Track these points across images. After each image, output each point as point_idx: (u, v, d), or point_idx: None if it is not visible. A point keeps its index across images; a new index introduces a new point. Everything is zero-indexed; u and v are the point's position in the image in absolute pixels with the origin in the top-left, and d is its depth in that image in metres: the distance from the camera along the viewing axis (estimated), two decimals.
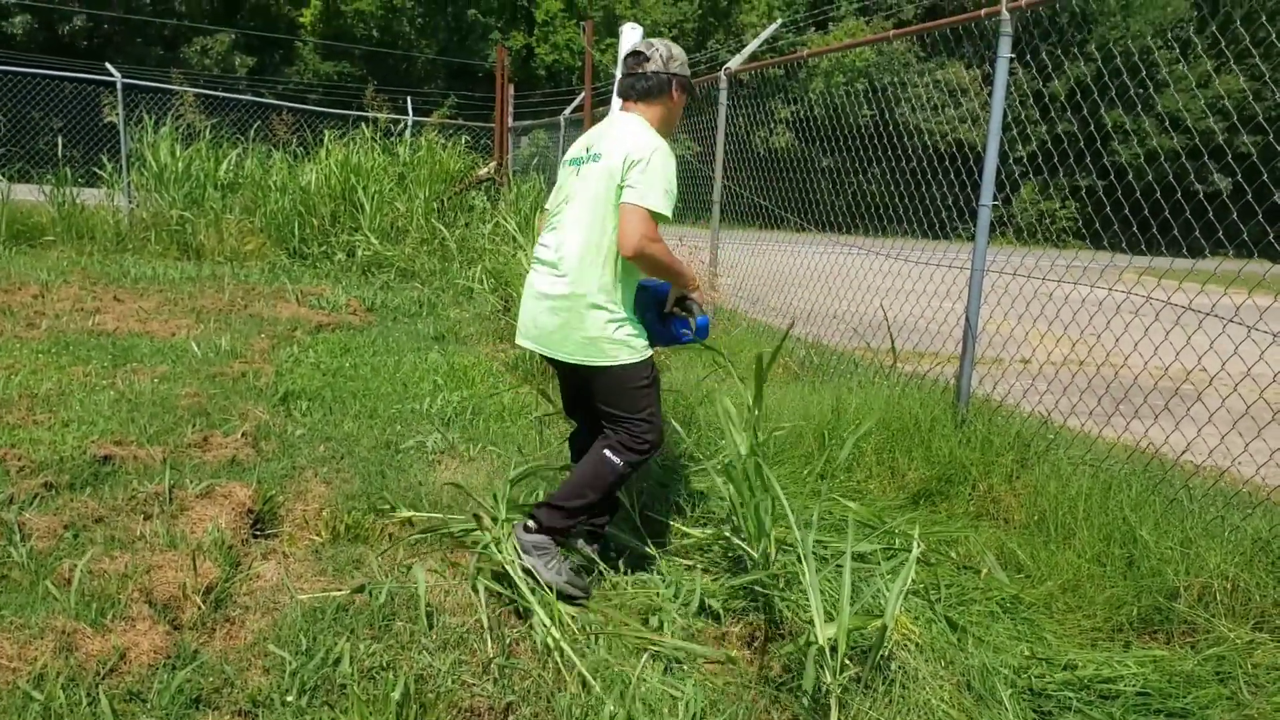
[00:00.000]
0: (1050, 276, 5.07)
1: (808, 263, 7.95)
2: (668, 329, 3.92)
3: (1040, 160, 5.98)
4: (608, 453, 3.65)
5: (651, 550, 4.01)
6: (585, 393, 3.83)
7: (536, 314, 3.75)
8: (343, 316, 9.21)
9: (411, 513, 4.33)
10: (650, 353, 3.72)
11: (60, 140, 14.06)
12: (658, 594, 3.67)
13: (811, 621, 3.05)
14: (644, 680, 3.12)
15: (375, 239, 12.25)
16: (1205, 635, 3.34)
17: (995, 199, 4.82)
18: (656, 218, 3.49)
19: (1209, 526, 3.77)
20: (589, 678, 3.12)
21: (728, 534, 3.93)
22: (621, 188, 3.51)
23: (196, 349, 7.26)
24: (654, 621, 3.49)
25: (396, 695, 2.86)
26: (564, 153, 4.81)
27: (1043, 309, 5.29)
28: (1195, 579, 3.49)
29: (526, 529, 3.67)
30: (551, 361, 3.80)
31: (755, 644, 3.47)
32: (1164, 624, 3.48)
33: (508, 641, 3.40)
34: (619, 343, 3.61)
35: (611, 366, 3.61)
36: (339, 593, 3.65)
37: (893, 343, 5.90)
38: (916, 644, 3.19)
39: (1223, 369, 4.38)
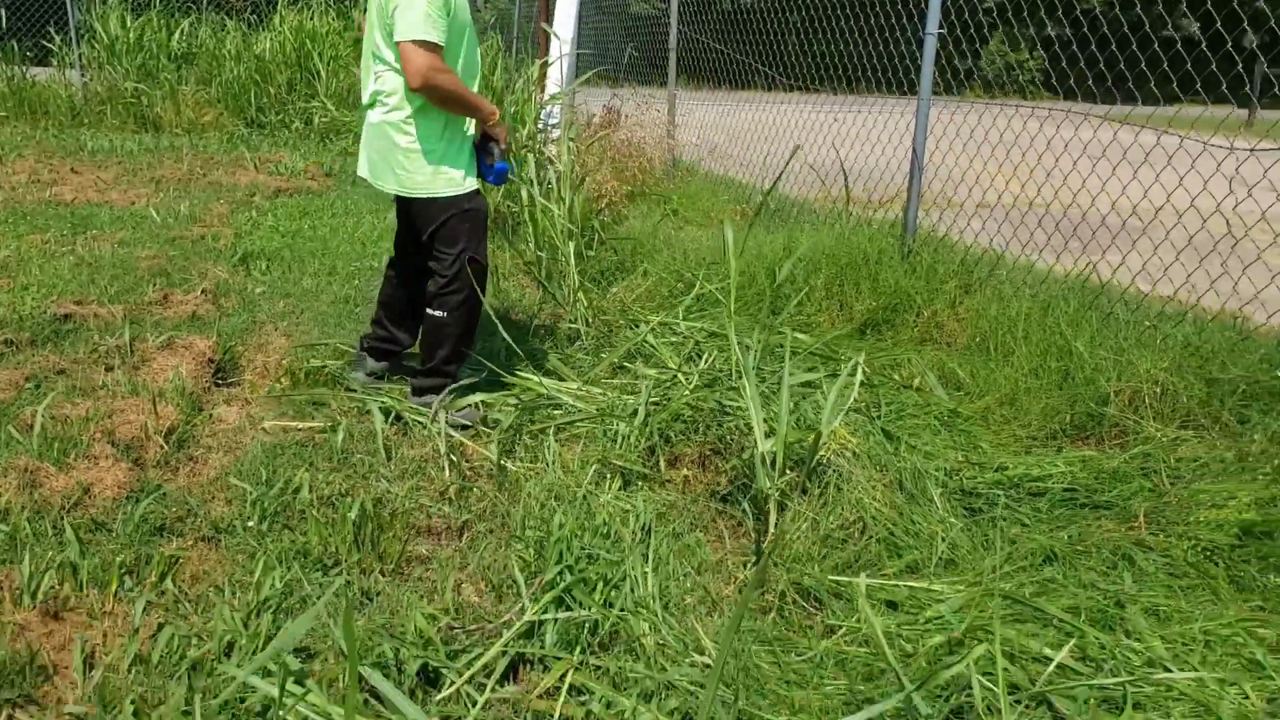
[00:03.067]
0: (1002, 112, 5.08)
1: (770, 117, 7.91)
2: (479, 163, 3.88)
3: (1009, 11, 5.89)
4: (429, 311, 3.86)
5: (594, 387, 4.12)
6: (413, 228, 3.93)
7: (366, 143, 3.85)
8: (301, 182, 9.13)
9: None
10: (470, 187, 3.75)
11: (2, 13, 13.61)
12: (613, 422, 3.76)
13: (755, 436, 3.17)
14: (596, 496, 3.25)
15: (332, 105, 12.04)
16: (1134, 436, 3.49)
17: (941, 27, 4.79)
18: (433, 47, 3.44)
19: (1142, 337, 3.90)
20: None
21: (678, 365, 4.04)
22: (390, 24, 3.50)
23: (156, 215, 7.21)
24: (609, 446, 3.60)
25: (353, 515, 2.98)
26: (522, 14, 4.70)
27: (993, 149, 5.30)
28: (1126, 385, 3.62)
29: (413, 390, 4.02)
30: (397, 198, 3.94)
31: (706, 464, 3.60)
32: (1095, 429, 3.63)
33: (465, 469, 3.52)
34: (433, 174, 3.68)
35: (428, 198, 3.72)
36: (299, 431, 3.75)
37: (846, 184, 5.93)
38: (854, 453, 3.32)
39: (1167, 201, 4.42)
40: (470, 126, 3.75)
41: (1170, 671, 2.30)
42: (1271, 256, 4.24)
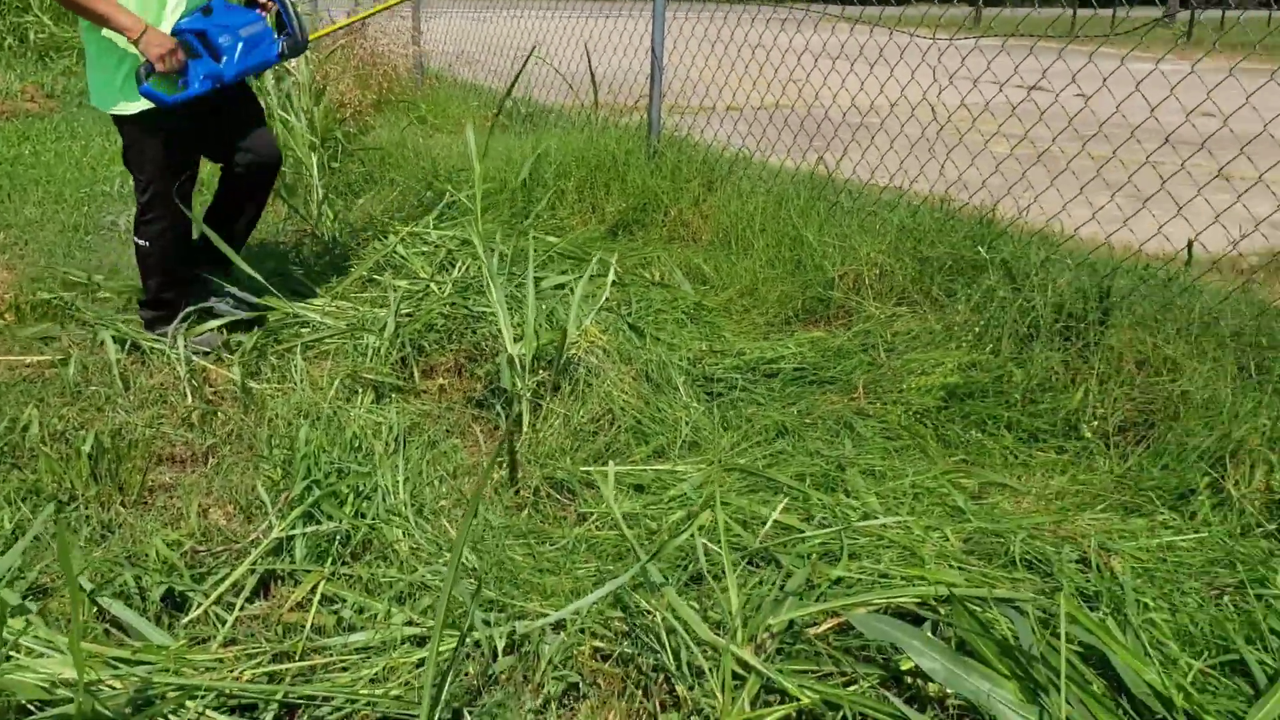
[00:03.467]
0: (732, 10, 5.23)
1: (519, 23, 7.86)
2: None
3: None
4: (135, 239, 3.68)
5: (343, 302, 4.07)
6: None
7: None
8: (18, 104, 8.41)
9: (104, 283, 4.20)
10: (143, 107, 3.40)
11: None
12: (363, 336, 3.73)
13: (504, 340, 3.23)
14: (346, 411, 3.23)
15: (49, 20, 11.07)
16: (857, 315, 3.75)
17: None
18: None
19: (863, 223, 4.17)
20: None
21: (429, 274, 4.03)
22: None
23: None
24: (360, 360, 3.57)
25: (87, 449, 2.85)
26: None
27: (725, 48, 5.47)
28: (850, 268, 3.88)
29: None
30: None
31: (462, 371, 3.64)
32: (824, 311, 3.88)
33: (209, 394, 3.43)
34: (115, 91, 3.41)
35: (115, 116, 3.49)
36: (27, 366, 3.55)
37: (595, 88, 5.98)
38: (604, 349, 3.43)
39: (880, 94, 4.64)
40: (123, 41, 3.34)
41: (884, 525, 2.53)
42: (971, 140, 4.58)
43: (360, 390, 3.41)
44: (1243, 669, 1.97)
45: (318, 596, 2.34)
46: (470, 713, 1.98)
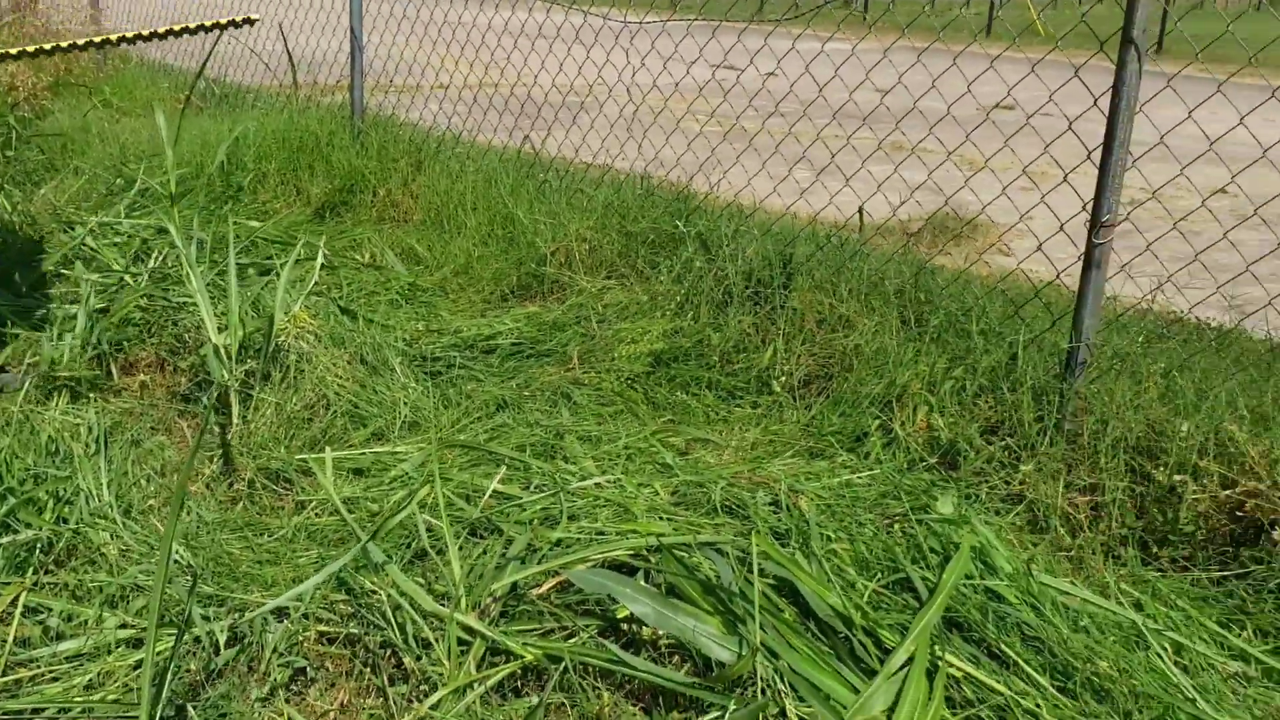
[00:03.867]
0: None
1: (219, 2, 7.49)
2: None
3: None
4: None
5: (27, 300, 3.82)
6: None
7: None
8: None
9: None
10: None
11: None
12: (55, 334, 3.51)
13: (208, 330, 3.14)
14: (40, 414, 3.05)
15: None
16: (570, 290, 3.89)
17: None
18: None
19: (571, 200, 4.32)
20: None
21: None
22: None
23: None
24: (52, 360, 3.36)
25: None
26: None
27: (425, 28, 5.45)
28: (561, 245, 4.01)
29: None
30: None
31: (165, 365, 3.50)
32: (539, 287, 4.00)
33: None
34: None
35: None
36: None
37: (293, 67, 5.83)
38: (315, 335, 3.39)
39: (580, 75, 4.79)
40: None
41: (599, 485, 2.67)
42: (665, 119, 4.82)
43: (55, 391, 3.23)
44: (909, 585, 2.24)
45: (19, 609, 2.23)
46: (194, 707, 1.96)
